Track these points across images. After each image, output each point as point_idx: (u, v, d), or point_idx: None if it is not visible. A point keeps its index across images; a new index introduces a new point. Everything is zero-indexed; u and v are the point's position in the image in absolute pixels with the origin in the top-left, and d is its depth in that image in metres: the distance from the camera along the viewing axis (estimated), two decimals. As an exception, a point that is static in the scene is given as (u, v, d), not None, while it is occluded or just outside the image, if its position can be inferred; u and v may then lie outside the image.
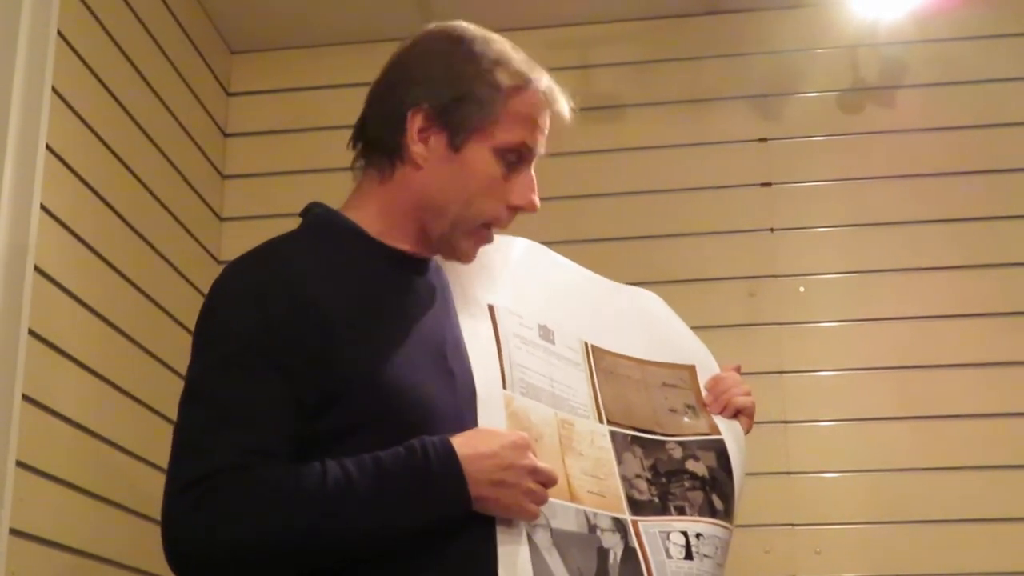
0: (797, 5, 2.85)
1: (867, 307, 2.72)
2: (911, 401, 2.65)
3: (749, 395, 1.64)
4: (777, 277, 2.76)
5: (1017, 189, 2.72)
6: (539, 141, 1.46)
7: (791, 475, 2.64)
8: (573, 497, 1.41)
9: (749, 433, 1.64)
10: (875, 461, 2.63)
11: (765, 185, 2.82)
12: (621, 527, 1.44)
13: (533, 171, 1.47)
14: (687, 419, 1.59)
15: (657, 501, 1.49)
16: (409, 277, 1.46)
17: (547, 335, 1.54)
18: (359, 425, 1.31)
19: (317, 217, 1.49)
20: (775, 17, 2.87)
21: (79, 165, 2.19)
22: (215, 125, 2.90)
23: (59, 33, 2.12)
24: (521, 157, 1.44)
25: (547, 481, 1.35)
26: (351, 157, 1.51)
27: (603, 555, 1.40)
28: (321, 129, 2.91)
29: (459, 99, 1.41)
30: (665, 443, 1.55)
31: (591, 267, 1.69)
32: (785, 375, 2.70)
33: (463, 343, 1.44)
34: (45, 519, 2.01)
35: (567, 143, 2.84)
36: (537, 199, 1.46)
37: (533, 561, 1.33)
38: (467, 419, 1.37)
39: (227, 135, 2.96)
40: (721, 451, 1.57)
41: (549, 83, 1.46)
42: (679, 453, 1.55)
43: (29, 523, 1.95)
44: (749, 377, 1.68)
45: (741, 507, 1.58)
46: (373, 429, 1.31)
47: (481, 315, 1.48)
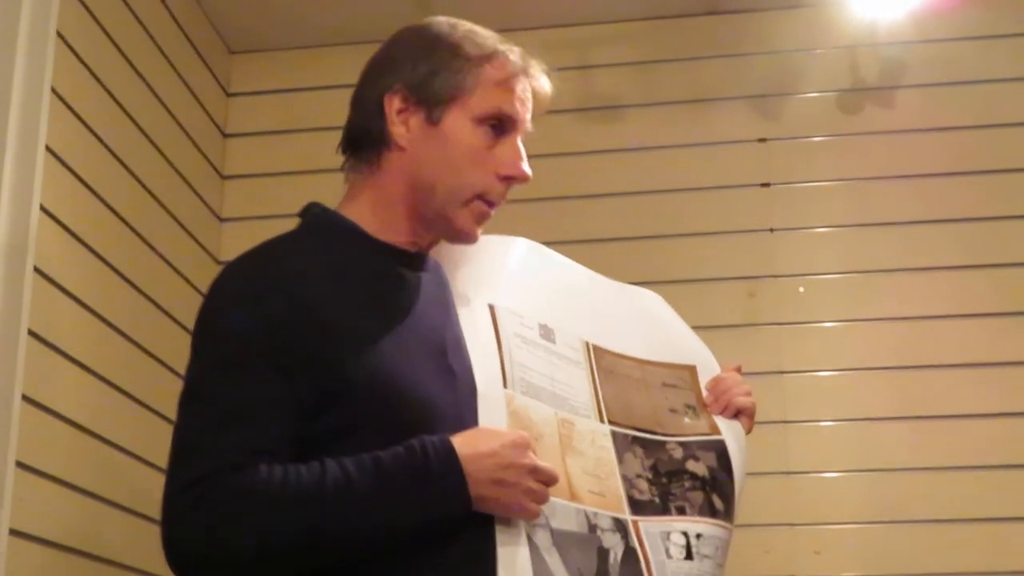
0: (797, 5, 2.85)
1: (867, 307, 2.72)
2: (911, 401, 2.64)
3: (750, 395, 1.64)
4: (777, 277, 2.76)
5: (1017, 189, 2.72)
6: (518, 110, 1.46)
7: (791, 475, 2.64)
8: (573, 496, 1.41)
9: (749, 433, 1.64)
10: (875, 461, 2.63)
11: (765, 185, 2.82)
12: (621, 527, 1.44)
13: (520, 143, 1.47)
14: (688, 419, 1.59)
15: (657, 501, 1.49)
16: (409, 276, 1.46)
17: (548, 335, 1.54)
18: (359, 424, 1.31)
19: (316, 217, 1.49)
20: (775, 17, 2.86)
21: (78, 165, 2.19)
22: (214, 125, 2.90)
23: (58, 34, 2.12)
24: (503, 125, 1.45)
25: (548, 480, 1.35)
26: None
27: (603, 555, 1.40)
28: (321, 129, 2.90)
29: (431, 73, 1.43)
30: (666, 443, 1.55)
31: (591, 267, 1.69)
32: (785, 375, 2.69)
33: (463, 342, 1.44)
34: (44, 519, 2.01)
35: (567, 143, 2.86)
36: (527, 168, 1.46)
37: (533, 561, 1.33)
38: (467, 418, 1.37)
39: (226, 135, 2.96)
40: (721, 451, 1.57)
41: (522, 53, 1.48)
42: (680, 453, 1.55)
43: (29, 523, 1.95)
44: (749, 377, 1.68)
45: (741, 507, 1.58)
46: (373, 428, 1.31)
47: (482, 314, 1.48)
